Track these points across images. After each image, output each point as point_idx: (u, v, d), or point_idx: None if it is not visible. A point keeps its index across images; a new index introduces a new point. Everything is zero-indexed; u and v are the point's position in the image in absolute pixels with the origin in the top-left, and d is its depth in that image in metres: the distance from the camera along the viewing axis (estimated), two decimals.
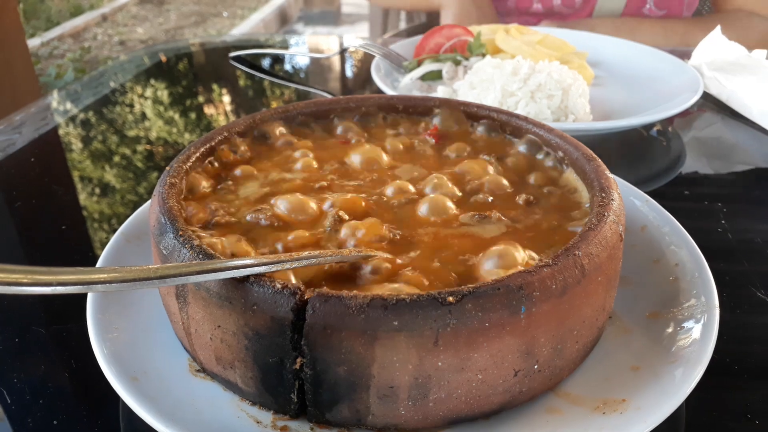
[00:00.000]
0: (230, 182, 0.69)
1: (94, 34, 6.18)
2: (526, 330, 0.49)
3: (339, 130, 0.81)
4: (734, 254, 0.84)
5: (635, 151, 1.17)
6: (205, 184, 0.67)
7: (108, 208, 1.03)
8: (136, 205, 0.99)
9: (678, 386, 0.51)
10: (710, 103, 1.34)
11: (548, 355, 0.51)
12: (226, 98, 1.56)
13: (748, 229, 0.90)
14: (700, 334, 0.57)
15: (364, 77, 1.63)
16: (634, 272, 0.67)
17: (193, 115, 1.46)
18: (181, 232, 0.54)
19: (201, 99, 1.55)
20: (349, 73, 1.73)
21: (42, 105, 1.42)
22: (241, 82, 1.63)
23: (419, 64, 1.35)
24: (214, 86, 1.63)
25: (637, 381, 0.54)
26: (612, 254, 0.55)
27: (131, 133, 1.31)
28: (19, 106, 1.38)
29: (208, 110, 1.49)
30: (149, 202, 0.73)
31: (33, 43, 5.41)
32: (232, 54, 1.66)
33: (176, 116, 1.44)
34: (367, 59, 1.69)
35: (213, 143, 0.71)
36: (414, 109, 0.84)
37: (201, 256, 0.51)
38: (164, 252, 0.54)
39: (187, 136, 1.32)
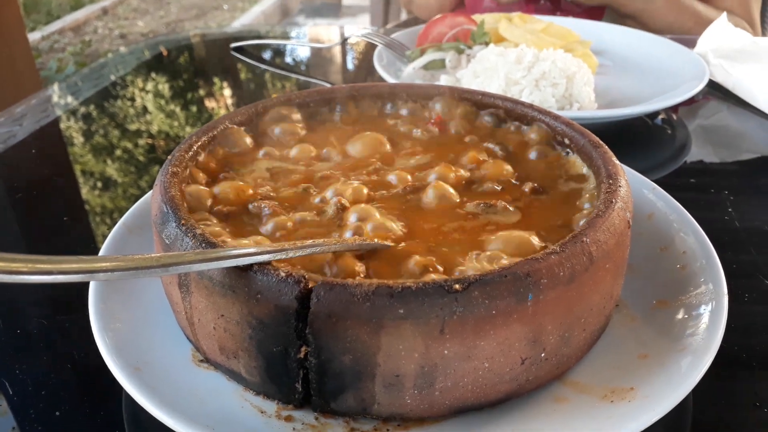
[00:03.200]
0: (231, 171, 0.68)
1: (94, 27, 6.16)
2: (534, 318, 0.48)
3: (342, 119, 0.80)
4: (741, 243, 0.84)
5: (640, 140, 1.16)
6: (204, 175, 0.66)
7: (109, 200, 1.03)
8: (137, 198, 0.99)
9: (686, 374, 0.51)
10: (716, 91, 1.33)
11: (555, 343, 0.50)
12: (228, 90, 1.55)
13: (755, 218, 0.90)
14: (708, 322, 0.56)
15: (366, 68, 1.62)
16: (641, 260, 0.66)
17: (194, 107, 1.45)
18: (183, 221, 0.54)
19: (202, 91, 1.54)
20: (351, 63, 1.71)
21: (43, 97, 1.42)
22: (243, 74, 1.62)
23: (422, 53, 1.34)
24: (216, 78, 1.62)
25: (645, 369, 0.53)
26: (620, 241, 0.54)
27: (131, 124, 1.31)
28: (20, 100, 1.37)
29: (210, 102, 1.48)
30: (150, 192, 0.72)
31: (34, 36, 5.39)
32: (234, 45, 1.65)
33: (177, 108, 1.43)
34: (368, 50, 1.67)
35: (215, 132, 0.71)
36: (417, 98, 0.83)
37: (204, 244, 0.50)
38: (166, 241, 0.54)
39: (188, 129, 1.32)
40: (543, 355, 0.50)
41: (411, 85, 0.84)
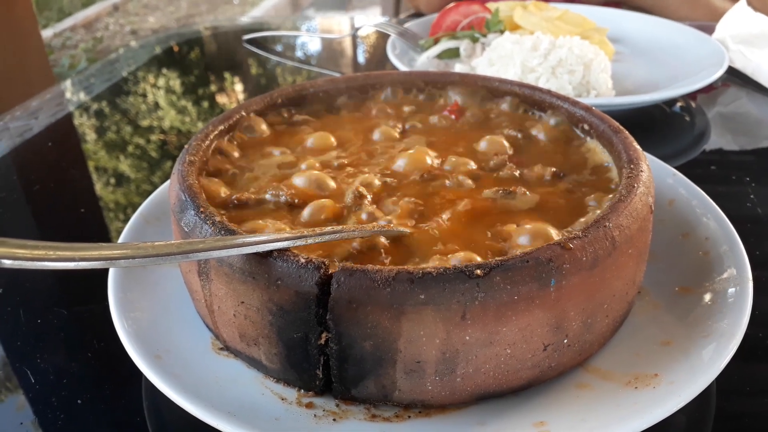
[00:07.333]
0: (247, 161, 0.68)
1: (105, 24, 6.19)
2: (556, 303, 0.47)
3: (357, 108, 0.80)
4: (765, 230, 0.82)
5: (658, 128, 1.14)
6: (223, 163, 0.66)
7: (125, 192, 1.03)
8: (152, 188, 0.99)
9: (711, 360, 0.50)
10: (735, 77, 1.31)
11: (578, 330, 0.50)
12: (239, 84, 1.55)
13: None
14: (733, 307, 0.55)
15: (378, 59, 1.61)
16: (663, 247, 0.65)
17: (206, 102, 1.45)
18: (202, 209, 0.53)
19: (214, 84, 1.54)
20: (363, 54, 1.71)
21: (57, 92, 1.43)
22: (255, 66, 1.62)
23: (436, 42, 1.33)
24: (228, 72, 1.62)
25: (669, 356, 0.52)
26: (642, 226, 0.54)
27: (143, 116, 1.31)
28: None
29: (222, 97, 1.48)
30: (167, 182, 0.72)
31: (46, 34, 5.41)
32: (246, 37, 1.65)
33: (189, 104, 1.43)
34: (380, 41, 1.67)
35: (231, 121, 0.70)
36: (433, 86, 0.82)
37: (223, 231, 0.50)
38: (185, 229, 0.53)
39: (200, 124, 1.32)
40: (566, 341, 0.50)
41: (427, 73, 0.83)
